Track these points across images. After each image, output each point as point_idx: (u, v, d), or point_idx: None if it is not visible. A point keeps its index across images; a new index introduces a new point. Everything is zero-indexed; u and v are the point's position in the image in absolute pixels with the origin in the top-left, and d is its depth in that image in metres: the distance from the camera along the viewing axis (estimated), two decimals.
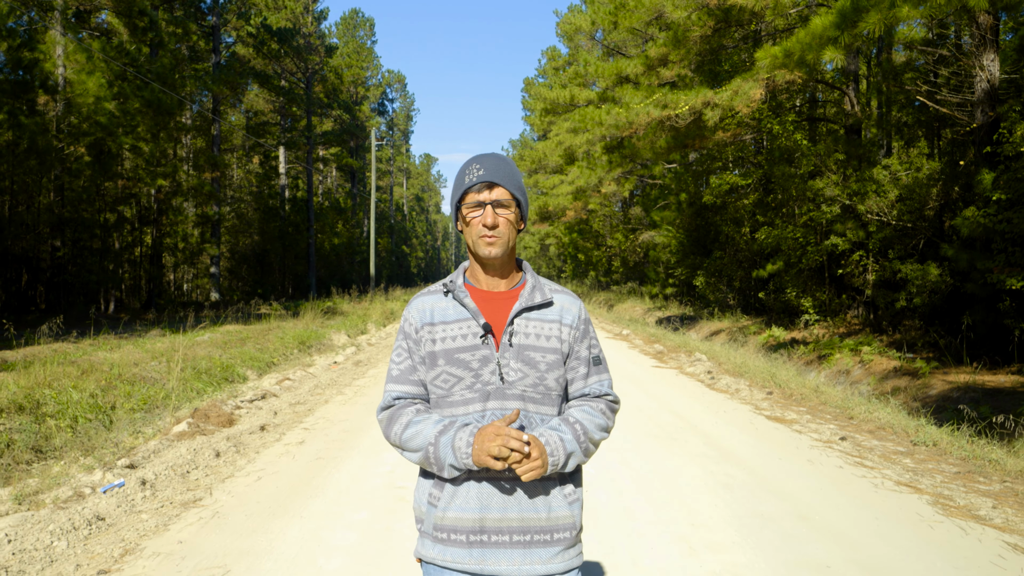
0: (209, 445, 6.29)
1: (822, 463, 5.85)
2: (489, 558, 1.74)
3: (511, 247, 1.83)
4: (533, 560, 1.74)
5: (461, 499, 1.75)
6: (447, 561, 1.76)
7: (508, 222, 1.80)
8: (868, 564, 3.76)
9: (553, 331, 1.83)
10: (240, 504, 4.71)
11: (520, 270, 1.93)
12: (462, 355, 1.79)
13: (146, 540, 4.09)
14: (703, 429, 7.07)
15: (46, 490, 5.19)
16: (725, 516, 4.48)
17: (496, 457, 1.63)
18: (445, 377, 1.80)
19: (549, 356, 1.81)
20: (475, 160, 1.85)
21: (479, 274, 1.88)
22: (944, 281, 12.42)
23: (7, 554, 3.84)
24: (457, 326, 1.82)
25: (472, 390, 1.79)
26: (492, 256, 1.79)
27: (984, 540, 4.15)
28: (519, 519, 1.74)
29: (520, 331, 1.81)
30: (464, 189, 1.81)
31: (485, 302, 1.85)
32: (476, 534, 1.74)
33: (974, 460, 5.92)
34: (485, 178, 1.79)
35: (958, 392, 9.87)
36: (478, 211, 1.80)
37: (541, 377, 1.80)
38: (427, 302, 1.88)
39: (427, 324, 1.84)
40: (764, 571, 3.65)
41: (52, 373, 9.61)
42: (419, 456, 1.77)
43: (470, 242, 1.84)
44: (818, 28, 9.62)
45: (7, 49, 19.63)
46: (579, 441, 1.76)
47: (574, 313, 1.87)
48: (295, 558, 3.80)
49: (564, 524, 1.78)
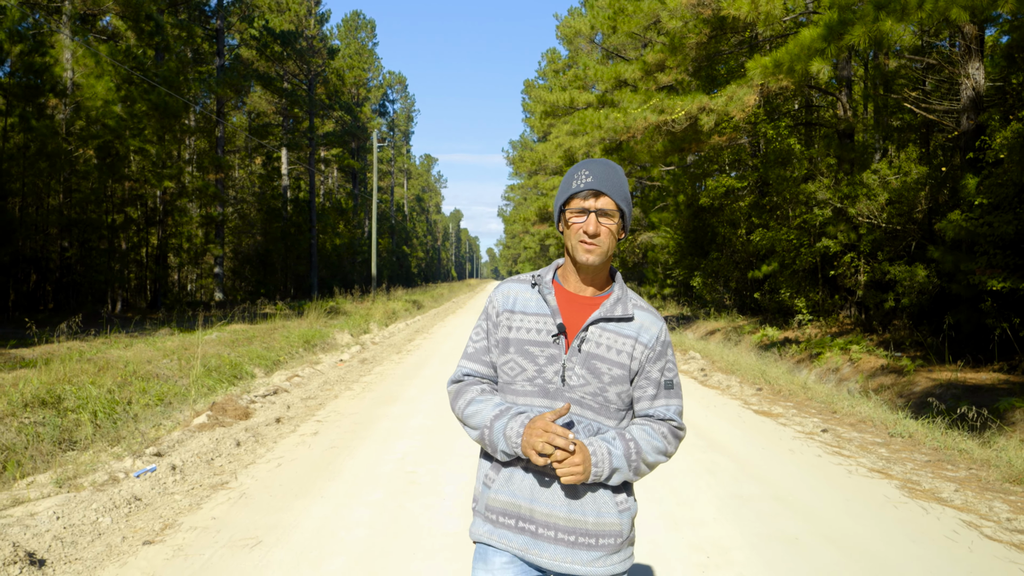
0: (229, 435, 6.71)
1: (802, 452, 6.28)
2: (533, 548, 1.79)
3: (608, 256, 1.86)
4: (575, 560, 1.78)
5: (515, 485, 1.81)
6: (496, 541, 1.82)
7: (609, 231, 1.82)
8: (833, 537, 4.18)
9: (626, 346, 1.84)
10: (264, 487, 5.14)
11: (611, 280, 1.95)
12: (531, 348, 1.84)
13: (182, 517, 4.51)
14: (693, 422, 7.50)
15: (83, 475, 5.61)
16: (708, 497, 4.91)
17: (540, 453, 1.68)
18: (512, 365, 1.86)
19: (615, 370, 1.82)
20: (584, 166, 1.87)
21: (570, 275, 1.91)
22: (931, 282, 12.84)
23: (59, 527, 4.25)
24: (534, 319, 1.87)
25: (533, 384, 1.84)
26: (589, 263, 1.82)
27: (942, 518, 4.57)
28: (566, 518, 1.78)
29: (592, 339, 1.83)
30: (571, 194, 1.85)
31: (567, 303, 1.88)
32: (525, 522, 1.80)
33: (945, 450, 6.35)
34: (592, 186, 1.81)
35: (940, 389, 10.29)
36: (581, 217, 1.83)
37: (603, 388, 1.82)
38: (514, 289, 1.94)
39: (507, 311, 1.90)
40: (740, 543, 4.08)
41: (70, 370, 10.00)
42: (476, 434, 1.85)
43: (569, 245, 1.87)
44: (806, 40, 10.05)
45: (19, 53, 20.05)
46: (629, 459, 1.77)
47: (652, 333, 1.87)
48: (319, 531, 4.22)
49: (611, 531, 1.80)
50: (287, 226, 39.96)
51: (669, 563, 3.78)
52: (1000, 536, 4.26)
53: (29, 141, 19.78)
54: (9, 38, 19.79)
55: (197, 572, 3.64)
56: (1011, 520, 4.51)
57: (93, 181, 23.06)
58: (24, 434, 7.60)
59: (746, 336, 17.75)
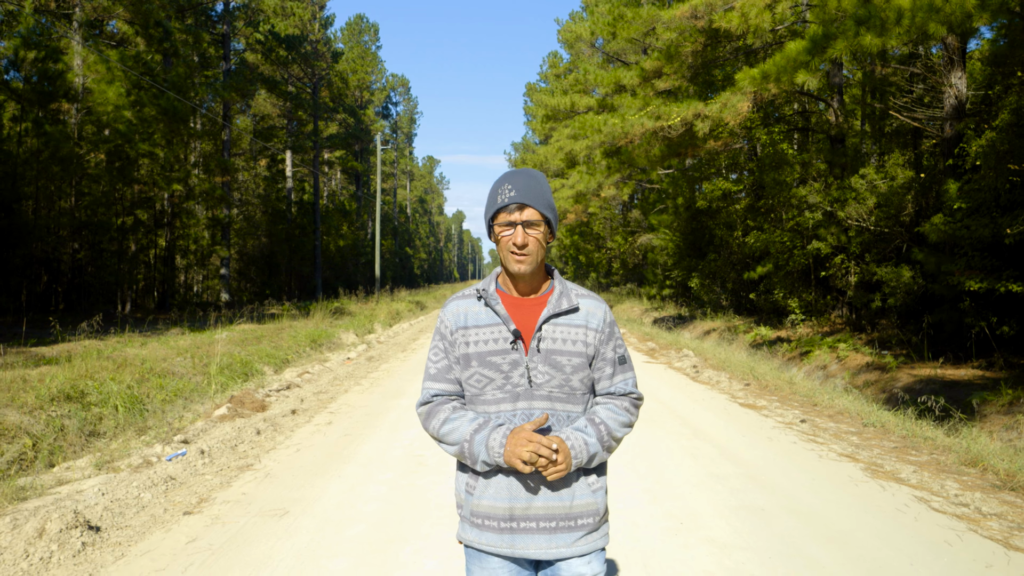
0: (249, 425, 7.24)
1: (779, 440, 6.80)
2: (519, 543, 1.89)
3: (540, 261, 1.94)
4: (558, 544, 1.90)
5: (493, 489, 1.91)
6: (483, 544, 1.92)
7: (537, 240, 1.91)
8: (795, 509, 4.71)
9: (579, 335, 1.94)
10: (286, 468, 5.66)
11: (549, 276, 2.04)
12: (493, 358, 1.93)
13: (215, 492, 5.04)
14: (681, 413, 8.02)
15: (119, 459, 6.15)
16: (686, 476, 5.43)
17: (525, 462, 1.79)
18: (478, 378, 1.94)
19: (575, 359, 1.93)
20: (507, 179, 1.94)
21: (511, 282, 2.00)
22: (916, 283, 13.34)
23: (107, 501, 4.78)
24: (489, 330, 1.95)
25: (503, 391, 1.92)
26: (521, 272, 1.92)
27: (896, 495, 5.09)
28: (544, 507, 1.89)
29: (548, 336, 1.93)
30: (496, 208, 1.93)
31: (515, 308, 1.97)
32: (507, 521, 1.90)
33: (912, 438, 6.86)
34: (516, 199, 1.89)
35: (920, 384, 10.80)
36: (509, 230, 1.91)
37: (567, 379, 1.92)
38: (462, 306, 2.02)
39: (461, 328, 1.98)
40: (710, 512, 4.61)
41: (91, 367, 10.52)
42: (455, 449, 1.93)
43: (502, 256, 1.95)
44: (792, 52, 10.56)
45: (33, 60, 20.63)
46: (602, 441, 1.90)
47: (599, 317, 1.98)
48: (339, 503, 4.75)
49: (587, 511, 1.91)
50: (292, 228, 40.51)
51: (647, 528, 4.31)
52: (945, 509, 4.78)
53: (42, 146, 20.32)
54: (24, 44, 20.37)
55: (234, 536, 4.17)
56: (958, 496, 5.03)
57: (104, 184, 23.61)
58: (51, 426, 8.13)
59: (741, 336, 18.25)
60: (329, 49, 46.04)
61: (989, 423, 8.68)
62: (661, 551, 3.97)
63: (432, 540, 4.11)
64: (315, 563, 3.77)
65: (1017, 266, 10.79)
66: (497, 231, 1.93)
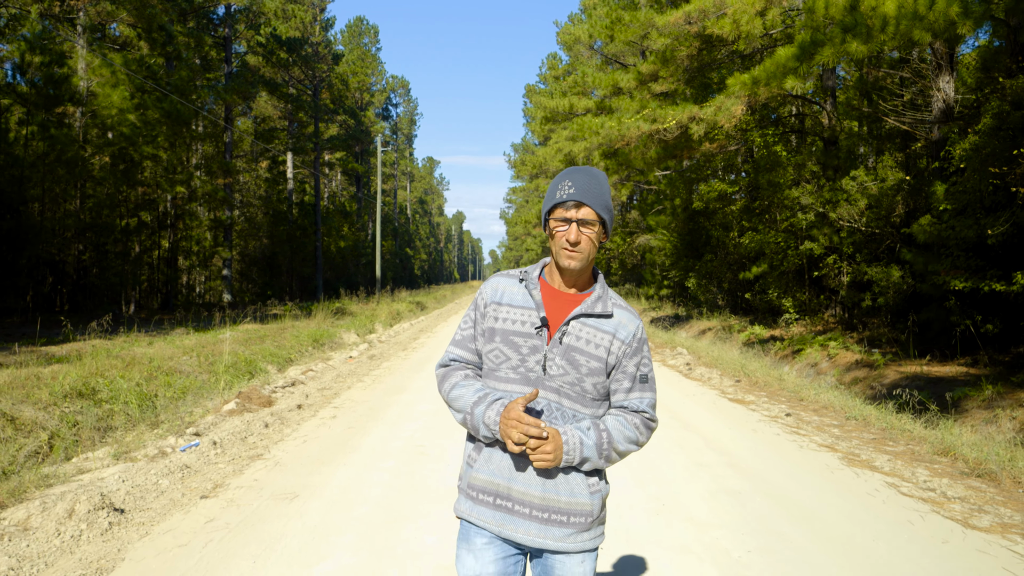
0: (257, 419, 7.57)
1: (764, 432, 7.12)
2: (508, 524, 1.91)
3: (590, 260, 1.98)
4: (547, 536, 1.91)
5: (495, 465, 1.94)
6: (475, 518, 1.96)
7: (590, 240, 1.94)
8: (771, 492, 5.03)
9: (604, 341, 1.95)
10: (294, 458, 5.99)
11: (594, 279, 2.07)
12: (516, 338, 1.96)
13: (228, 479, 5.37)
14: (671, 407, 8.35)
15: (135, 450, 6.47)
16: (673, 464, 5.76)
17: (515, 442, 1.81)
18: (497, 353, 1.99)
19: (592, 362, 1.93)
20: (568, 176, 1.99)
21: (555, 274, 2.04)
22: (905, 282, 13.66)
23: (127, 487, 5.10)
24: (520, 311, 1.99)
25: (516, 372, 1.96)
26: (571, 268, 1.95)
27: (869, 481, 5.42)
28: (541, 497, 1.90)
29: (573, 332, 1.94)
30: (554, 203, 1.96)
31: (552, 298, 2.01)
32: (503, 499, 1.92)
33: (891, 430, 7.18)
34: (574, 197, 1.92)
35: (907, 381, 11.12)
36: (564, 226, 1.93)
37: (580, 379, 1.93)
38: (502, 283, 2.07)
39: (495, 303, 2.03)
40: (691, 495, 4.93)
41: (101, 365, 10.84)
42: (460, 417, 1.99)
43: (554, 250, 1.99)
44: (781, 59, 10.89)
45: (40, 65, 20.97)
46: (600, 448, 1.90)
47: (630, 330, 1.99)
48: (345, 488, 5.08)
49: (582, 510, 1.92)
50: (293, 229, 40.84)
51: (632, 508, 4.63)
52: (913, 493, 5.10)
53: (48, 149, 20.66)
54: (30, 49, 20.71)
55: (249, 516, 4.50)
56: (927, 482, 5.35)
57: (108, 187, 23.94)
58: (65, 421, 8.45)
59: (736, 335, 18.57)
60: (330, 51, 46.37)
61: (970, 417, 9.00)
62: (644, 527, 4.29)
63: (432, 519, 4.43)
64: (325, 539, 4.09)
65: (1000, 266, 11.10)
66: (552, 225, 1.97)
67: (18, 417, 8.27)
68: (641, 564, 3.78)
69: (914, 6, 10.00)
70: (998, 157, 10.10)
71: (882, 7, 10.13)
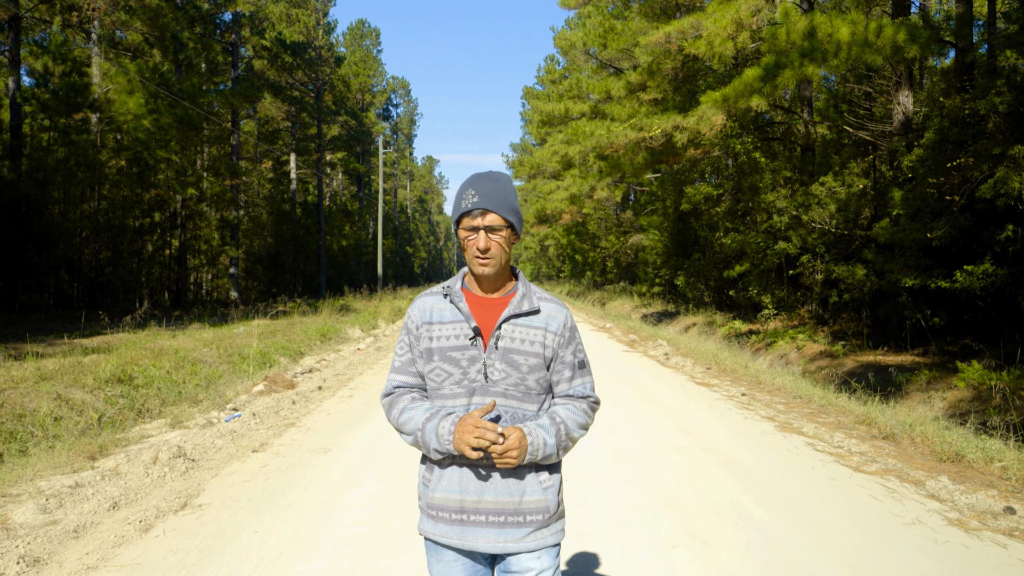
0: (285, 398, 8.80)
1: (718, 407, 8.36)
2: (468, 535, 1.94)
3: (503, 264, 1.99)
4: (507, 539, 1.94)
5: (446, 482, 1.96)
6: (438, 536, 1.98)
7: (499, 244, 1.95)
8: (709, 448, 6.27)
9: (537, 337, 1.98)
10: (322, 425, 7.22)
11: (514, 278, 2.09)
12: (453, 353, 1.97)
13: (271, 440, 6.60)
14: (643, 388, 9.58)
15: (186, 420, 7.70)
16: (631, 428, 7.01)
17: (473, 448, 1.83)
18: (438, 371, 1.99)
19: (531, 359, 1.97)
20: (471, 184, 1.98)
21: (476, 281, 2.06)
22: (869, 280, 14.89)
23: (190, 446, 6.33)
24: (451, 327, 2.00)
25: (460, 385, 1.97)
26: (484, 275, 1.98)
27: (793, 441, 6.65)
28: (494, 502, 1.93)
29: (506, 335, 1.97)
30: (460, 213, 1.97)
31: (478, 307, 2.02)
32: (458, 513, 1.95)
33: (828, 406, 8.41)
34: (479, 205, 1.93)
35: (862, 368, 12.36)
36: (473, 234, 1.95)
37: (523, 378, 1.96)
38: (428, 303, 2.08)
39: (426, 323, 2.03)
40: (644, 449, 6.17)
41: (133, 356, 12.04)
42: (411, 439, 1.99)
43: (467, 258, 2.01)
44: (748, 79, 12.11)
45: (61, 74, 22.19)
46: (559, 440, 1.94)
47: (559, 321, 2.02)
48: (367, 445, 6.32)
49: (536, 508, 1.95)
50: (296, 228, 42.05)
51: (593, 460, 5.87)
52: (825, 449, 6.34)
53: (69, 153, 21.86)
54: (53, 59, 21.93)
55: (294, 463, 5.73)
56: (840, 442, 6.58)
57: (124, 189, 25.15)
58: (109, 403, 9.67)
59: (718, 329, 19.81)
60: (332, 54, 47.52)
61: (910, 399, 10.26)
62: (599, 469, 5.53)
63: None
64: (356, 475, 5.34)
65: (946, 265, 12.33)
66: (462, 235, 1.98)
67: (71, 399, 9.51)
68: (594, 490, 5.01)
69: (865, 33, 11.23)
70: (936, 169, 11.31)
71: (837, 34, 11.36)
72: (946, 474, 5.43)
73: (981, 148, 10.59)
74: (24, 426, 7.60)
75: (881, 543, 4.08)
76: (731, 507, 4.70)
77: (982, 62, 13.52)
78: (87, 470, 5.47)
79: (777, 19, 13.32)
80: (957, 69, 12.99)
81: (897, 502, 4.84)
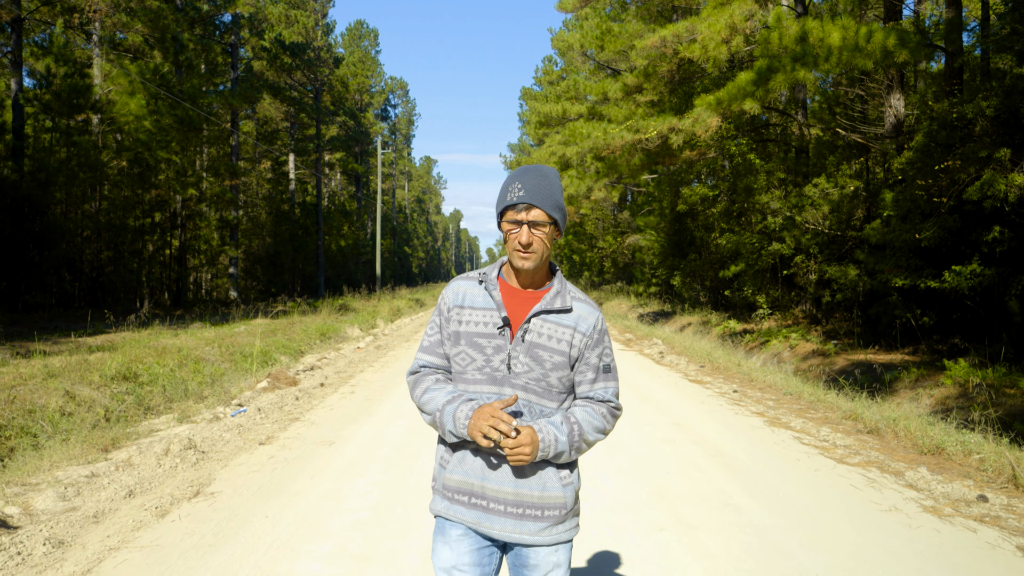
0: (288, 394, 9.03)
1: (710, 403, 8.60)
2: (484, 521, 1.95)
3: (544, 259, 1.98)
4: (523, 531, 1.94)
5: (468, 466, 1.97)
6: (451, 515, 1.99)
7: (541, 240, 1.95)
8: (699, 441, 6.51)
9: (565, 335, 1.98)
10: (326, 420, 7.46)
11: (552, 275, 2.09)
12: (480, 340, 1.98)
13: (277, 433, 6.83)
14: (637, 385, 9.82)
15: (193, 415, 7.93)
16: (628, 424, 7.24)
17: (485, 436, 1.82)
18: (463, 356, 2.01)
19: (556, 357, 1.96)
20: (517, 177, 1.98)
21: (512, 273, 2.06)
22: (861, 280, 15.15)
23: (198, 439, 6.55)
24: (482, 313, 2.01)
25: (482, 372, 1.98)
26: (524, 268, 1.97)
27: (780, 435, 6.89)
28: (514, 493, 1.93)
29: (535, 330, 1.97)
30: (505, 206, 1.97)
31: (512, 297, 2.02)
32: (477, 498, 1.96)
33: (816, 403, 8.66)
34: (524, 199, 1.92)
35: (852, 366, 12.62)
36: (516, 228, 1.95)
37: (545, 374, 1.96)
38: (462, 286, 2.08)
39: (458, 306, 2.05)
40: (636, 442, 6.41)
41: (137, 354, 12.25)
42: (430, 419, 2.00)
43: (508, 251, 2.00)
44: (742, 82, 12.36)
45: (63, 75, 22.40)
46: (572, 441, 1.93)
47: (590, 323, 2.02)
48: (369, 439, 6.55)
49: (555, 504, 1.96)
50: (295, 228, 42.25)
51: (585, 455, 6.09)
52: (811, 443, 6.58)
53: (71, 154, 22.07)
54: (55, 61, 22.14)
55: (300, 455, 5.96)
56: (826, 436, 6.82)
57: (125, 189, 25.36)
58: (115, 400, 9.88)
59: (713, 329, 20.07)
60: (331, 55, 47.74)
61: (898, 396, 10.51)
62: (591, 459, 5.77)
63: None
64: (359, 465, 5.57)
65: (935, 265, 12.58)
66: (505, 228, 1.98)
67: (79, 395, 9.72)
68: (586, 478, 5.25)
69: (855, 38, 11.48)
70: (924, 172, 11.57)
71: (828, 39, 11.61)
72: (926, 465, 5.67)
73: (969, 151, 10.84)
74: (35, 421, 7.82)
75: (858, 527, 4.32)
76: (717, 495, 4.94)
77: (974, 65, 13.77)
78: (101, 461, 5.70)
79: (770, 24, 13.56)
80: (947, 73, 13.25)
81: (876, 491, 5.08)
